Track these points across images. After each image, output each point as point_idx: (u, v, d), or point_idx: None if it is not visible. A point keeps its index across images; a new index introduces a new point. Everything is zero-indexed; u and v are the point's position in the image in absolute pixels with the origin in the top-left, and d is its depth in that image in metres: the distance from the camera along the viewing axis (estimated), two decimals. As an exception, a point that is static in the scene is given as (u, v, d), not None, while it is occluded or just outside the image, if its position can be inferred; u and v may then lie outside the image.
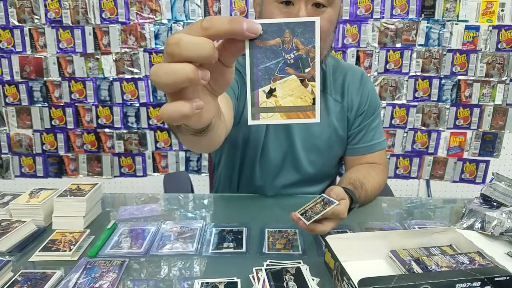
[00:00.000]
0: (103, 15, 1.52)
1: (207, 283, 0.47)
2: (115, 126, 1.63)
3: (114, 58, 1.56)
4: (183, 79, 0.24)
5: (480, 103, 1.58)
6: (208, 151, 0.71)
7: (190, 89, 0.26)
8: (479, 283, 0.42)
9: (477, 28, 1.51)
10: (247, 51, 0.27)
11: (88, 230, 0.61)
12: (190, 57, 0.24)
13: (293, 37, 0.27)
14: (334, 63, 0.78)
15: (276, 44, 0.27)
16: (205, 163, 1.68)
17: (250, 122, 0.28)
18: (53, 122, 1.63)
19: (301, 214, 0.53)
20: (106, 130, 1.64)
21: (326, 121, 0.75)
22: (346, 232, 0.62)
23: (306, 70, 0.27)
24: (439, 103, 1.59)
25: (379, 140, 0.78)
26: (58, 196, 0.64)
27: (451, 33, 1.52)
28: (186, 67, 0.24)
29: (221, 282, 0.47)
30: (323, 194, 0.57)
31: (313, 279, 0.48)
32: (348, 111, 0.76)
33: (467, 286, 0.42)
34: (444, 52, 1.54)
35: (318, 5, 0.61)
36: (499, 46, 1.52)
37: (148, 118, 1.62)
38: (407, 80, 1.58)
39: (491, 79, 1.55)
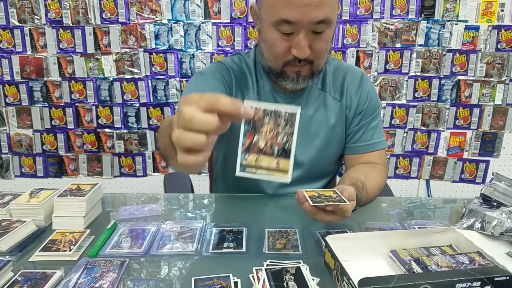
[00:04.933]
0: (103, 15, 1.52)
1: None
2: (115, 126, 1.63)
3: (114, 58, 1.56)
4: (200, 145, 0.35)
5: (480, 103, 1.58)
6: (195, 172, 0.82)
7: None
8: (479, 283, 0.42)
9: (476, 28, 1.51)
10: (242, 124, 0.39)
11: (88, 230, 0.61)
12: (201, 130, 0.35)
13: (276, 122, 0.39)
14: (336, 63, 0.79)
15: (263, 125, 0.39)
16: (205, 163, 1.68)
17: (238, 173, 0.39)
18: (53, 122, 1.63)
19: (310, 197, 0.54)
20: (106, 130, 1.64)
21: (324, 119, 0.76)
22: (346, 232, 0.62)
23: (281, 163, 0.39)
24: (439, 103, 1.59)
25: (378, 140, 0.78)
26: (58, 196, 0.64)
27: (450, 33, 1.52)
28: (201, 137, 0.35)
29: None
30: (336, 189, 0.58)
31: (313, 279, 0.48)
32: (347, 110, 0.77)
33: (467, 286, 0.41)
34: (444, 52, 1.54)
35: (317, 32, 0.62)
36: (498, 46, 1.52)
37: (148, 118, 1.62)
38: (407, 80, 1.58)
39: (491, 79, 1.55)
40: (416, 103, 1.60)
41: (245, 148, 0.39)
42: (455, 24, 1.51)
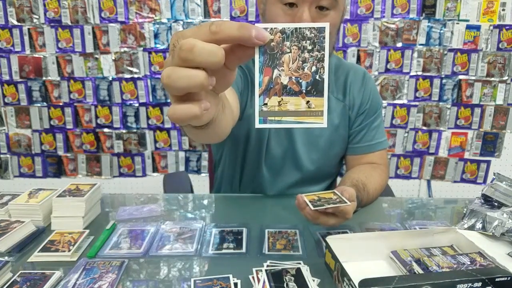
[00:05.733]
0: (102, 15, 1.52)
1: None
2: (114, 126, 1.63)
3: (114, 58, 1.56)
4: (197, 85, 0.25)
5: (481, 103, 1.58)
6: (213, 142, 0.73)
7: (197, 91, 0.27)
8: (480, 284, 0.41)
9: (478, 28, 1.51)
10: (256, 57, 0.28)
11: (87, 231, 0.61)
12: (202, 63, 0.25)
13: (300, 46, 0.28)
14: (336, 62, 0.78)
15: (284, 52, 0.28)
16: (204, 163, 1.68)
17: (257, 125, 0.29)
18: (52, 122, 1.62)
19: (310, 201, 0.52)
20: (105, 130, 1.63)
21: (328, 120, 0.75)
22: (346, 232, 0.62)
23: (313, 102, 0.29)
24: (440, 103, 1.59)
25: (380, 140, 0.78)
26: (57, 197, 0.64)
27: (452, 32, 1.52)
28: (199, 74, 0.25)
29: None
30: (335, 191, 0.57)
31: (313, 280, 0.47)
32: (350, 110, 0.76)
33: (468, 286, 0.41)
34: (445, 52, 1.53)
35: (322, 8, 0.61)
36: (500, 45, 1.52)
37: (148, 118, 1.62)
38: (408, 80, 1.57)
39: (492, 78, 1.55)
40: (417, 103, 1.59)
41: (263, 89, 0.28)
42: (456, 23, 1.51)
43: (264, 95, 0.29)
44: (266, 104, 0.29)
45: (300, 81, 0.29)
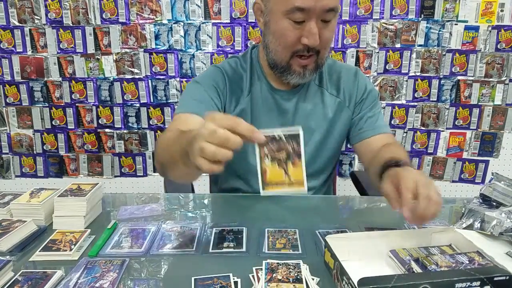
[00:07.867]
0: (104, 16, 1.52)
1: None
2: (116, 126, 1.63)
3: (115, 59, 1.56)
4: (228, 158, 0.43)
5: (479, 103, 1.58)
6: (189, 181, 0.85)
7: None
8: (478, 283, 0.42)
9: (476, 29, 1.51)
10: (256, 148, 0.45)
11: (89, 230, 0.61)
12: (232, 146, 0.43)
13: (285, 142, 0.46)
14: (330, 62, 0.81)
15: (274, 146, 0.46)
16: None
17: (262, 193, 0.43)
18: (53, 122, 1.63)
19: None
20: (107, 130, 1.64)
21: (322, 114, 0.78)
22: (345, 231, 0.62)
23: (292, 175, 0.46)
24: (439, 103, 1.59)
25: (384, 125, 0.80)
26: (58, 196, 0.64)
27: (450, 33, 1.52)
28: (230, 153, 0.43)
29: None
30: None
31: (313, 279, 0.48)
32: (346, 102, 0.79)
33: (467, 285, 0.42)
34: (444, 53, 1.54)
35: (325, 20, 0.66)
36: (498, 46, 1.52)
37: (149, 118, 1.63)
38: (406, 81, 1.58)
39: (491, 79, 1.55)
40: (415, 103, 1.60)
41: (262, 170, 0.44)
42: (455, 24, 1.51)
43: (262, 173, 0.45)
44: (265, 179, 0.45)
45: (282, 163, 0.46)
